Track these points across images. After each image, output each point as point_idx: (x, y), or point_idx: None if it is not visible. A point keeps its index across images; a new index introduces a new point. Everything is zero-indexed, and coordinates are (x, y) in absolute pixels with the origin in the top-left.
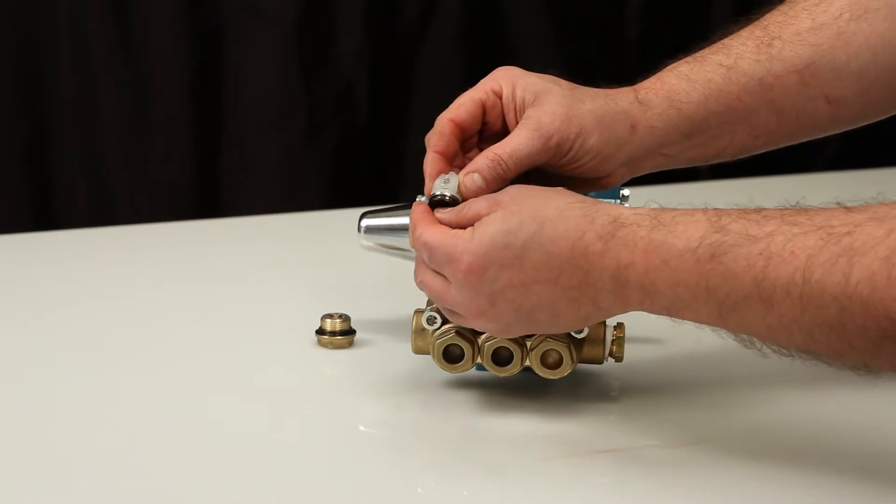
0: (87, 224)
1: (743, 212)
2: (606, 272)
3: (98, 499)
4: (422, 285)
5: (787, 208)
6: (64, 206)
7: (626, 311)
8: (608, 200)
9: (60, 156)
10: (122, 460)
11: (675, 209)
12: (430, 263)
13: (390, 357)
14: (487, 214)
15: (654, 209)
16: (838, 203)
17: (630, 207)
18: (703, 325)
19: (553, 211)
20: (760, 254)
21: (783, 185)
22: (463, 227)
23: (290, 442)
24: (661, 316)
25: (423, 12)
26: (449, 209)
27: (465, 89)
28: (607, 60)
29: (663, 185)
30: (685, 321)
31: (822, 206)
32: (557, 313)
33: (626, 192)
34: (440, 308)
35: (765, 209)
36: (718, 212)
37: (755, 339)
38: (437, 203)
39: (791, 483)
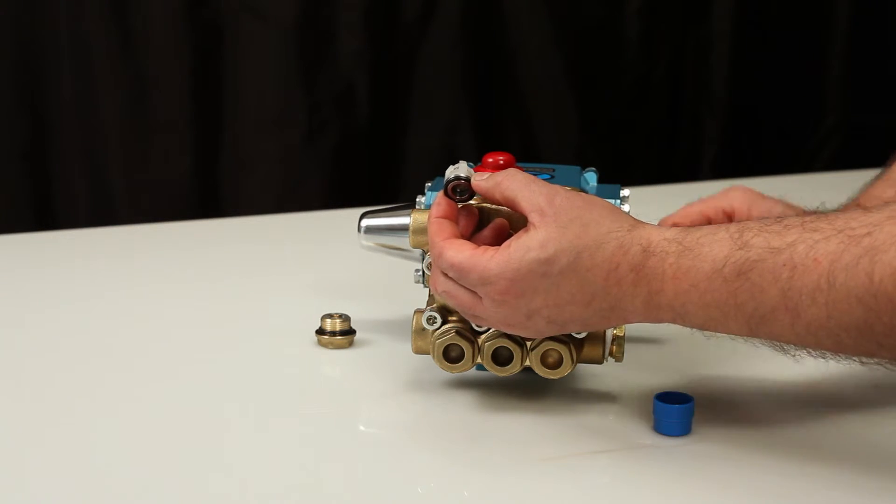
0: (87, 224)
1: (764, 224)
2: (638, 298)
3: (98, 497)
4: (445, 295)
5: (808, 214)
6: (64, 206)
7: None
8: (610, 201)
9: (60, 156)
10: (122, 458)
11: (700, 228)
12: (460, 281)
13: (390, 357)
14: (528, 219)
15: (681, 232)
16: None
17: (660, 231)
18: (737, 337)
19: (591, 241)
20: (784, 265)
21: (783, 184)
22: (495, 202)
23: (291, 442)
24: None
25: (423, 12)
26: (486, 178)
27: (465, 89)
28: (607, 60)
29: (663, 186)
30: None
31: (842, 210)
32: (589, 325)
33: (625, 192)
34: (462, 314)
35: (786, 219)
36: (740, 227)
37: (787, 346)
38: (453, 187)
39: (789, 482)
